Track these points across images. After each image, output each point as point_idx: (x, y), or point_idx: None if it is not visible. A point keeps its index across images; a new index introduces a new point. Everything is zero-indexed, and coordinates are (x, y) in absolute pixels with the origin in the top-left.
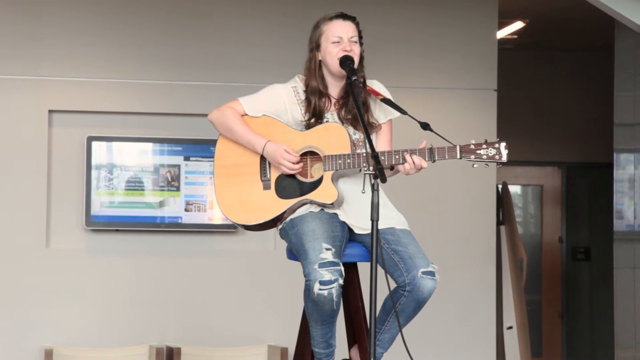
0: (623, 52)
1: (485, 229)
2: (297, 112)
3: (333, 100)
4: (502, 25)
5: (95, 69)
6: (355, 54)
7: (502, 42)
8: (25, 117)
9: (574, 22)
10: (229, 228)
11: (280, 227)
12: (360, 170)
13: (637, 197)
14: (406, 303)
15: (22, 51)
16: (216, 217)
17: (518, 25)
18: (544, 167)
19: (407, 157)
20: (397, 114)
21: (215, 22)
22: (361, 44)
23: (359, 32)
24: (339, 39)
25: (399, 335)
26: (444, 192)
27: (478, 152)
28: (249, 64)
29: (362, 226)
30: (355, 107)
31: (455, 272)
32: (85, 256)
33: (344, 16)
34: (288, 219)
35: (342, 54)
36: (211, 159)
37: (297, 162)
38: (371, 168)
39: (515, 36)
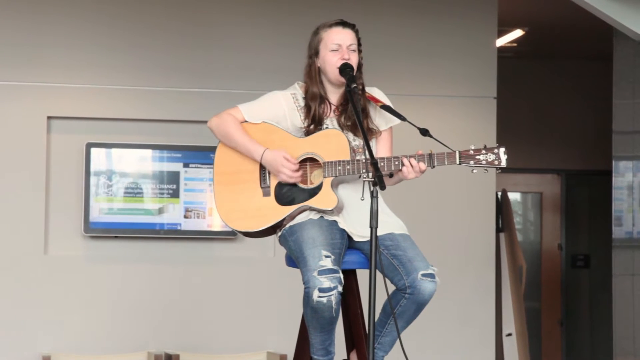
0: (622, 61)
1: (484, 236)
2: (297, 118)
3: (332, 107)
4: (501, 33)
5: (94, 75)
6: (353, 62)
7: (501, 50)
8: (24, 124)
9: (573, 31)
10: (229, 235)
11: (279, 234)
12: (360, 177)
13: (636, 205)
14: (406, 305)
15: (21, 57)
16: (215, 223)
17: (517, 33)
18: (543, 174)
19: (406, 160)
20: (397, 121)
21: (215, 29)
22: (360, 52)
23: (358, 40)
24: (337, 46)
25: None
26: (443, 200)
27: (477, 157)
28: (248, 71)
29: (361, 234)
30: (355, 114)
31: (455, 279)
32: (83, 263)
33: (343, 24)
34: (287, 225)
35: (340, 62)
36: (211, 166)
37: (297, 170)
38: (370, 175)
39: (514, 44)
